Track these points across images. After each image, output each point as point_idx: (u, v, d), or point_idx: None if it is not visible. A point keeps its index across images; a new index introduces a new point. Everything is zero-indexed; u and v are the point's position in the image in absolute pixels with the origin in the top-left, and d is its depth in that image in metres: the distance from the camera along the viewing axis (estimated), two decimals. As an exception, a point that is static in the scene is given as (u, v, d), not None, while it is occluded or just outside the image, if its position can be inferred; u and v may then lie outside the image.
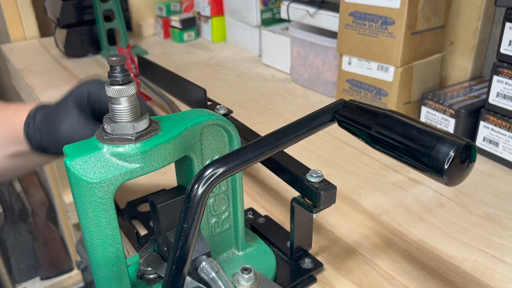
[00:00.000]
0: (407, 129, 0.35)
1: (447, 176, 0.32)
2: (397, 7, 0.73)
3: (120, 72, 0.37)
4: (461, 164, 0.32)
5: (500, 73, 0.67)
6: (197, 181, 0.34)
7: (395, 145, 0.35)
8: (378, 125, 0.36)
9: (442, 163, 0.32)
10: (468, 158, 0.32)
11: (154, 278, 0.45)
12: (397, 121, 0.36)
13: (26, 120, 0.51)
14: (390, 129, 0.35)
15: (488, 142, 0.70)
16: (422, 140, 0.33)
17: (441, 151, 0.32)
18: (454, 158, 0.32)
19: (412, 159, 0.34)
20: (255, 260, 0.48)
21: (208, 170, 0.34)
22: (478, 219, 0.58)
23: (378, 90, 0.80)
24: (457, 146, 0.32)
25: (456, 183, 0.33)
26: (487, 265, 0.51)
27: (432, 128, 0.34)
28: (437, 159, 0.32)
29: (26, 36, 1.44)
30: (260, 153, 0.36)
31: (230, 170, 0.35)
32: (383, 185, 0.65)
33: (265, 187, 0.66)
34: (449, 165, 0.32)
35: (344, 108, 0.40)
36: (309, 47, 0.96)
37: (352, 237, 0.56)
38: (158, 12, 1.43)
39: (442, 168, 0.32)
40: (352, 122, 0.38)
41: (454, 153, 0.31)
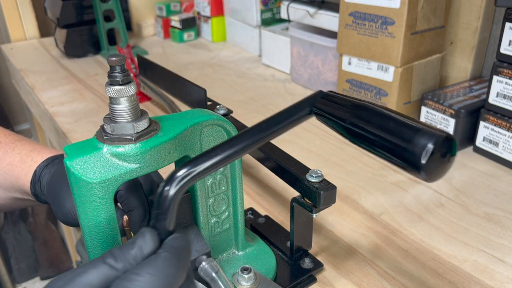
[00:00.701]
0: (384, 121, 0.32)
1: (425, 172, 0.30)
2: (397, 7, 0.73)
3: (120, 72, 0.37)
4: (441, 158, 0.30)
5: (500, 73, 0.67)
6: (168, 183, 0.33)
7: (371, 139, 0.33)
8: (354, 117, 0.34)
9: (419, 157, 0.29)
10: (449, 152, 0.30)
11: None
12: (374, 113, 0.33)
13: (32, 181, 0.50)
14: (366, 121, 0.33)
15: (488, 142, 0.70)
16: (399, 133, 0.31)
17: (418, 144, 0.29)
18: (433, 151, 0.29)
19: (388, 153, 0.32)
20: (255, 260, 0.48)
21: (181, 171, 0.33)
22: (478, 219, 0.58)
23: (378, 90, 0.80)
24: (435, 139, 0.29)
25: (436, 178, 0.31)
26: (487, 265, 0.51)
27: (412, 120, 0.32)
28: (414, 153, 0.30)
29: (26, 36, 1.44)
30: (234, 152, 0.35)
31: (203, 171, 0.33)
32: (383, 185, 0.65)
33: (265, 187, 0.66)
34: (427, 159, 0.29)
35: (321, 100, 0.37)
36: (309, 47, 0.96)
37: (352, 237, 0.56)
38: (158, 12, 1.43)
39: (419, 162, 0.29)
40: (328, 115, 0.36)
41: (432, 145, 0.29)
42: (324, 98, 0.37)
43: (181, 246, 0.32)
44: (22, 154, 0.52)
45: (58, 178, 0.46)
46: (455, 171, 0.68)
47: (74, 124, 0.87)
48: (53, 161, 0.49)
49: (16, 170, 0.51)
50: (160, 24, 1.41)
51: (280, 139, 0.79)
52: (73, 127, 0.86)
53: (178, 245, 0.32)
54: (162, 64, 0.84)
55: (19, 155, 0.52)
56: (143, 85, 0.90)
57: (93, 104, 0.95)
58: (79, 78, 1.10)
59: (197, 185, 0.43)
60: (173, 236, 0.33)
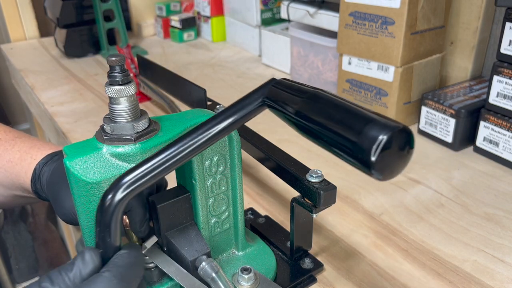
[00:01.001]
0: (334, 111, 0.28)
1: (376, 169, 0.25)
2: (397, 7, 0.73)
3: (119, 72, 0.37)
4: (398, 153, 0.26)
5: (500, 73, 0.67)
6: (111, 190, 0.31)
7: (318, 131, 0.28)
8: (302, 107, 0.30)
9: (368, 153, 0.25)
10: (407, 145, 0.26)
11: (152, 268, 0.44)
12: (324, 102, 0.29)
13: (32, 179, 0.49)
14: (314, 112, 0.29)
15: (488, 142, 0.70)
16: (348, 124, 0.26)
17: (368, 137, 0.25)
18: (385, 146, 0.25)
19: (337, 148, 0.27)
20: (255, 260, 0.48)
21: (125, 178, 0.31)
22: (478, 219, 0.58)
23: (378, 90, 0.80)
24: (388, 131, 0.25)
25: (389, 176, 0.27)
26: (487, 265, 0.51)
27: (368, 111, 0.27)
28: (362, 147, 0.25)
29: (26, 36, 1.44)
30: (184, 154, 0.32)
31: (152, 177, 0.32)
32: (383, 185, 0.65)
33: (265, 187, 0.66)
34: (378, 154, 0.25)
35: (272, 89, 0.33)
36: (309, 47, 0.96)
37: (352, 237, 0.55)
38: (158, 12, 1.43)
39: (368, 158, 0.25)
40: (278, 106, 0.32)
41: (385, 138, 0.25)
42: (275, 87, 0.33)
43: (126, 264, 0.31)
44: (22, 152, 0.52)
45: (57, 176, 0.46)
46: (455, 171, 0.68)
47: (74, 124, 0.87)
48: (52, 158, 0.49)
49: (16, 168, 0.51)
50: (160, 24, 1.41)
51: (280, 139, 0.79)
52: (73, 127, 0.86)
53: (122, 263, 0.31)
54: (162, 64, 0.84)
55: (18, 153, 0.52)
56: (143, 85, 0.90)
57: (93, 104, 0.95)
58: (79, 78, 1.10)
59: (197, 185, 0.43)
60: (120, 253, 0.32)
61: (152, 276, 0.45)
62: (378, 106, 0.81)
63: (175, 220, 0.44)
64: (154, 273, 0.45)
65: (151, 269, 0.44)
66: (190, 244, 0.43)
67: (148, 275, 0.45)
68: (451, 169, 0.69)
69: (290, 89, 0.32)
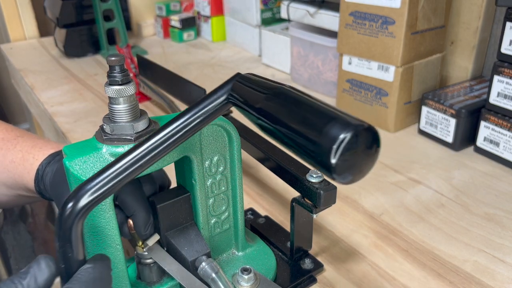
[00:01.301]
0: (297, 108, 0.26)
1: (337, 172, 0.23)
2: (397, 7, 0.72)
3: (119, 72, 0.36)
4: (363, 154, 0.24)
5: (500, 73, 0.67)
6: (72, 198, 0.29)
7: (279, 130, 0.26)
8: (264, 105, 0.28)
9: (328, 153, 0.23)
10: (374, 144, 0.24)
11: (151, 263, 0.44)
12: (288, 98, 0.27)
13: (35, 179, 0.49)
14: (276, 109, 0.27)
15: (489, 142, 0.70)
16: (310, 122, 0.24)
17: (329, 136, 0.23)
18: (347, 146, 0.23)
19: (300, 149, 0.25)
20: (255, 260, 0.48)
21: (88, 185, 0.30)
22: (478, 219, 0.58)
23: (378, 90, 0.80)
24: (350, 129, 0.23)
25: (353, 181, 0.25)
26: (487, 265, 0.51)
27: (332, 108, 0.25)
28: (322, 147, 0.23)
29: (26, 36, 1.44)
30: (148, 159, 0.30)
31: (116, 183, 0.30)
32: (383, 185, 0.65)
33: (265, 187, 0.66)
34: (339, 156, 0.23)
35: (236, 85, 0.31)
36: (309, 47, 0.96)
37: (352, 238, 0.55)
38: (157, 12, 1.43)
39: (328, 160, 0.23)
40: (241, 103, 0.30)
41: (347, 136, 0.22)
42: (240, 82, 0.31)
43: (91, 280, 0.30)
44: (24, 151, 0.52)
45: (60, 176, 0.46)
46: (456, 171, 0.68)
47: (74, 124, 0.87)
48: (54, 158, 0.49)
49: (19, 168, 0.51)
50: (160, 23, 1.41)
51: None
52: (73, 127, 0.85)
53: (87, 279, 0.29)
54: (161, 64, 0.84)
55: (20, 152, 0.52)
56: (143, 85, 0.90)
57: (93, 104, 0.95)
58: (78, 78, 1.10)
59: (197, 185, 0.43)
60: (84, 268, 0.30)
61: (152, 276, 0.45)
62: (379, 106, 0.81)
63: (175, 220, 0.44)
64: (154, 273, 0.45)
65: (149, 265, 0.44)
66: (190, 244, 0.43)
67: (148, 275, 0.45)
68: (451, 169, 0.69)
69: (254, 84, 0.30)
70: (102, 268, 0.31)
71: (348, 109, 0.86)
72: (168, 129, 0.32)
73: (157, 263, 0.43)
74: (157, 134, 0.32)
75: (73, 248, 0.30)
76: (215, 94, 0.32)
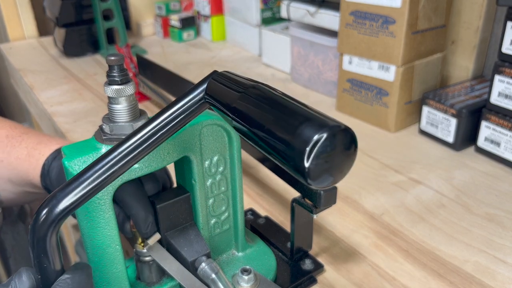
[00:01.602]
0: (271, 108, 0.24)
1: (311, 177, 0.22)
2: (398, 6, 0.72)
3: (118, 71, 0.36)
4: (338, 157, 0.22)
5: (501, 73, 0.66)
6: (47, 205, 0.28)
7: (252, 131, 0.25)
8: (238, 104, 0.26)
9: (301, 156, 0.21)
10: (352, 144, 0.23)
11: (150, 261, 0.44)
12: (262, 97, 0.25)
13: (42, 175, 0.49)
14: (250, 108, 0.25)
15: (490, 142, 0.70)
16: (284, 122, 0.23)
17: (302, 137, 0.22)
18: (321, 149, 0.21)
19: (274, 152, 0.24)
20: (255, 261, 0.48)
21: (60, 194, 0.28)
22: (479, 219, 0.58)
23: (379, 89, 0.79)
24: (324, 131, 0.21)
25: (334, 180, 0.23)
26: (488, 265, 0.51)
27: (308, 108, 0.24)
28: (294, 149, 0.22)
29: (25, 35, 1.43)
30: (120, 166, 0.29)
31: (90, 191, 0.28)
32: (383, 186, 0.65)
33: (265, 188, 0.66)
34: (312, 159, 0.21)
35: (210, 84, 0.29)
36: (309, 47, 0.96)
37: (352, 238, 0.55)
38: (157, 11, 1.43)
39: (301, 162, 0.21)
40: (216, 103, 0.28)
41: (323, 136, 0.21)
42: (215, 81, 0.29)
43: None
44: (29, 148, 0.52)
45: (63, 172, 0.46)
46: (457, 171, 0.68)
47: (73, 124, 0.87)
48: (60, 153, 0.49)
49: (24, 165, 0.51)
50: (160, 23, 1.41)
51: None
52: (72, 127, 0.85)
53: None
54: (161, 63, 0.84)
55: (26, 149, 0.52)
56: (142, 85, 0.90)
57: (92, 104, 0.95)
58: (78, 78, 1.10)
59: (196, 185, 0.43)
60: (62, 278, 0.29)
61: (151, 276, 0.45)
62: (379, 106, 0.80)
63: (175, 221, 0.44)
64: (154, 273, 0.45)
65: (149, 263, 0.44)
66: (189, 244, 0.43)
67: (148, 276, 0.44)
68: (452, 169, 0.69)
69: (229, 83, 0.28)
70: (81, 278, 0.30)
71: (348, 109, 0.86)
72: (141, 133, 0.30)
73: (156, 262, 0.43)
74: (129, 139, 0.30)
75: (49, 259, 0.28)
76: (191, 94, 0.30)
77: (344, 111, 0.87)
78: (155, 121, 0.30)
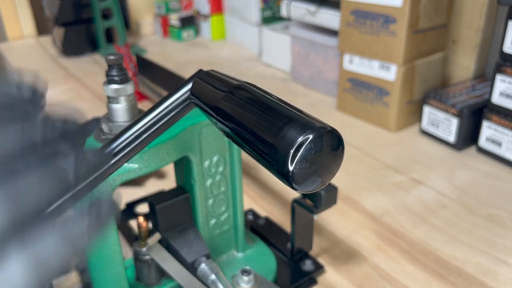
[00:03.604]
0: (256, 108, 0.24)
1: (295, 180, 0.21)
2: (399, 5, 0.72)
3: (118, 71, 0.36)
4: (330, 154, 0.21)
5: (503, 72, 0.66)
6: None
7: (237, 132, 0.24)
8: (222, 104, 0.25)
9: (284, 158, 0.20)
10: (340, 146, 0.22)
11: (149, 260, 0.43)
12: (246, 97, 0.25)
13: None
14: (233, 109, 0.25)
15: (491, 142, 0.69)
16: (268, 123, 0.22)
17: (286, 139, 0.20)
18: (305, 152, 0.20)
19: (255, 154, 0.23)
20: (255, 261, 0.48)
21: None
22: (481, 220, 0.58)
23: (379, 89, 0.79)
24: (309, 133, 0.20)
25: (323, 181, 0.22)
26: (490, 266, 0.50)
27: (293, 108, 0.23)
28: (278, 151, 0.21)
29: (24, 35, 1.43)
30: (104, 171, 0.26)
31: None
32: (384, 186, 0.65)
33: (265, 188, 0.65)
34: (296, 162, 0.20)
35: (196, 83, 0.28)
36: (310, 46, 0.95)
37: (353, 239, 0.55)
38: (157, 11, 1.42)
39: (284, 166, 0.21)
40: (200, 102, 0.27)
41: (307, 138, 0.20)
42: (201, 80, 0.28)
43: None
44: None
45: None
46: (458, 172, 0.68)
47: (72, 123, 0.86)
48: None
49: None
50: (159, 22, 1.40)
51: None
52: (71, 126, 0.85)
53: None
54: (161, 63, 0.84)
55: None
56: (142, 84, 0.89)
57: (91, 104, 0.95)
58: (77, 77, 1.10)
59: (196, 185, 0.43)
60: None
61: (151, 277, 0.44)
62: (380, 106, 0.80)
63: (174, 221, 0.43)
64: (153, 274, 0.44)
65: (147, 262, 0.43)
66: (189, 245, 0.43)
67: (147, 276, 0.44)
68: (453, 169, 0.68)
69: (215, 82, 0.27)
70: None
71: (349, 108, 0.86)
72: (124, 137, 0.28)
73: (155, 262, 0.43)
74: (115, 140, 0.28)
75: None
76: (177, 92, 0.29)
77: (344, 111, 0.87)
78: (140, 122, 0.29)
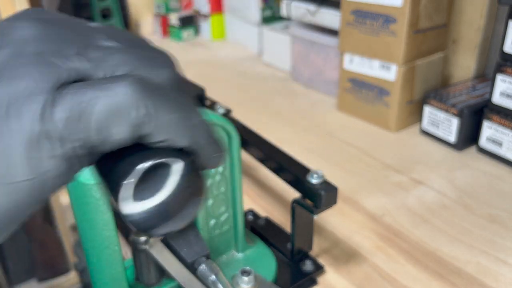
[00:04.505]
0: None
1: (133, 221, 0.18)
2: (399, 5, 0.72)
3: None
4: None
5: (503, 72, 0.66)
6: None
7: None
8: None
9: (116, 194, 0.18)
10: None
11: (146, 250, 0.43)
12: None
13: None
14: None
15: (492, 142, 0.69)
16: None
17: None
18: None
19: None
20: (255, 262, 0.48)
21: None
22: (481, 220, 0.57)
23: (380, 89, 0.79)
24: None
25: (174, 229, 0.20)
26: (490, 266, 0.50)
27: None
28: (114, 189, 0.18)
29: (24, 34, 1.43)
30: None
31: None
32: (385, 186, 0.65)
33: (265, 188, 0.65)
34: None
35: None
36: (310, 46, 0.95)
37: (353, 239, 0.55)
38: (156, 10, 1.42)
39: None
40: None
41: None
42: None
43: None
44: None
45: None
46: (458, 172, 0.68)
47: (72, 123, 0.86)
48: None
49: None
50: (159, 22, 1.40)
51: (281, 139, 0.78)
52: (71, 126, 0.85)
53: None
54: (161, 62, 0.83)
55: None
56: (142, 84, 0.89)
57: (91, 103, 0.94)
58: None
59: (196, 185, 0.42)
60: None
61: (151, 277, 0.44)
62: (380, 106, 0.80)
63: (174, 222, 0.43)
64: (153, 274, 0.44)
65: (146, 258, 0.43)
66: (189, 245, 0.43)
67: (147, 276, 0.44)
68: (454, 169, 0.68)
69: None
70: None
71: (349, 108, 0.86)
72: None
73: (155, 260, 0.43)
74: None
75: None
76: None
77: (345, 111, 0.87)
78: None
